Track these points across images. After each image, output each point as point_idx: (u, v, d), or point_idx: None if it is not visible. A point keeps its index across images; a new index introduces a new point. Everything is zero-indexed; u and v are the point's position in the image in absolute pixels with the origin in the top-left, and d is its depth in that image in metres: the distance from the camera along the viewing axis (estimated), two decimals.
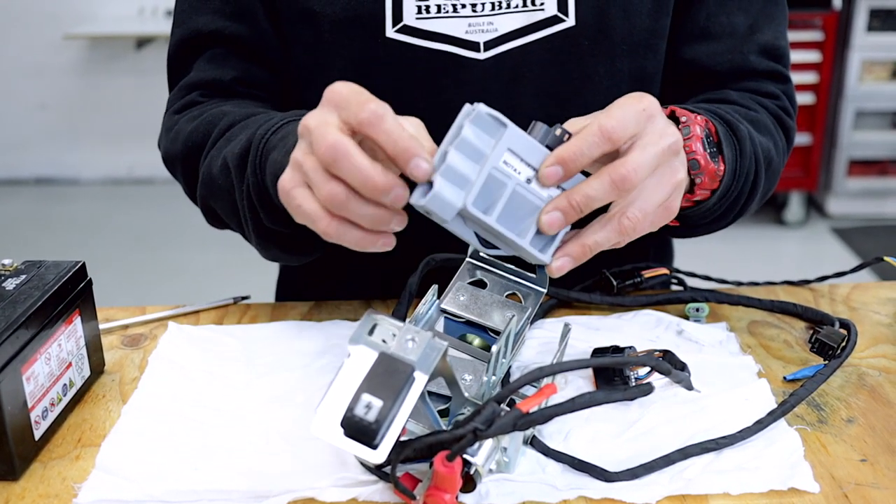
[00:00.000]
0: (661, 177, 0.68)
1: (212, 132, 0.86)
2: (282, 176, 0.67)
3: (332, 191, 0.62)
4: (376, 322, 0.61)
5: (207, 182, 0.85)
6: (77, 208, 3.93)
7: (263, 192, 0.77)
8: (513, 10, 0.87)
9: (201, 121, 0.88)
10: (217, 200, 0.85)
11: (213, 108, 0.90)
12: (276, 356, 0.83)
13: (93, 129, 4.13)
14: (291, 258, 0.85)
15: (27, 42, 4.00)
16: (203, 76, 0.94)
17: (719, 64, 0.94)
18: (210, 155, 0.85)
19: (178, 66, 0.97)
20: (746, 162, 0.83)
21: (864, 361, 0.82)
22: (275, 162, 0.74)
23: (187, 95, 0.94)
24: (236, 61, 0.93)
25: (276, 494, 0.65)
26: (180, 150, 0.89)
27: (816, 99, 3.37)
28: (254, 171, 0.77)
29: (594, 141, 0.65)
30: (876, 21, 3.31)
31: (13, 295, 0.72)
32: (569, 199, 0.65)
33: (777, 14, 0.96)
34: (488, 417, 0.60)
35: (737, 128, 0.83)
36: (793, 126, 0.97)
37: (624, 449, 0.70)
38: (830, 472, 0.67)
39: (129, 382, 0.80)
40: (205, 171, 0.85)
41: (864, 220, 3.56)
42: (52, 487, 0.67)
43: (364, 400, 0.57)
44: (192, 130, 0.88)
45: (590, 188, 0.65)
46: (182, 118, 0.92)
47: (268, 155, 0.76)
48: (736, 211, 0.87)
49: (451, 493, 0.60)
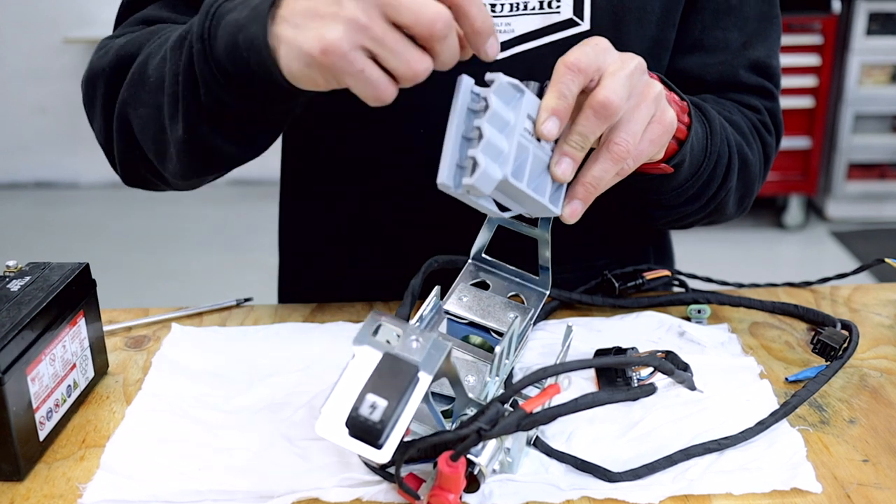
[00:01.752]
0: (640, 96, 0.68)
1: (151, 38, 0.81)
2: (325, 33, 0.60)
3: (423, 67, 0.62)
4: (380, 322, 0.62)
5: (136, 82, 0.79)
6: (77, 212, 3.93)
7: (210, 59, 0.70)
8: (529, 12, 0.87)
9: (142, 32, 0.83)
10: (139, 105, 0.79)
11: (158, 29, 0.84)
12: (279, 357, 0.83)
13: (92, 132, 4.13)
14: (216, 158, 0.78)
15: (27, 46, 4.01)
16: (157, 14, 0.88)
17: (708, 74, 0.95)
18: (147, 52, 0.79)
19: (130, 10, 0.91)
20: (717, 141, 0.83)
21: (865, 362, 0.82)
22: (234, 23, 0.68)
23: (131, 26, 0.88)
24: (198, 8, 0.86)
25: (280, 494, 0.65)
26: (110, 59, 0.83)
27: (816, 102, 3.38)
28: (200, 37, 0.70)
29: (567, 78, 0.65)
30: (875, 25, 3.31)
31: (18, 296, 0.72)
32: (567, 142, 0.66)
33: (771, 34, 0.96)
34: (492, 418, 0.60)
35: (707, 111, 0.84)
36: (771, 143, 0.97)
37: (627, 449, 0.70)
38: (833, 472, 0.67)
39: (132, 384, 0.80)
40: (135, 70, 0.79)
41: (864, 224, 3.56)
42: (56, 488, 0.67)
43: (369, 400, 0.57)
44: (130, 40, 0.82)
45: (578, 126, 0.66)
46: (119, 38, 0.86)
47: (221, 18, 0.69)
48: (709, 196, 0.88)
49: (455, 493, 0.60)
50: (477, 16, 0.62)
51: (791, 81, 3.28)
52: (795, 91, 3.33)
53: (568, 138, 0.66)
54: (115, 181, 4.45)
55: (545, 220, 0.77)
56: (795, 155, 3.44)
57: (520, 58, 0.88)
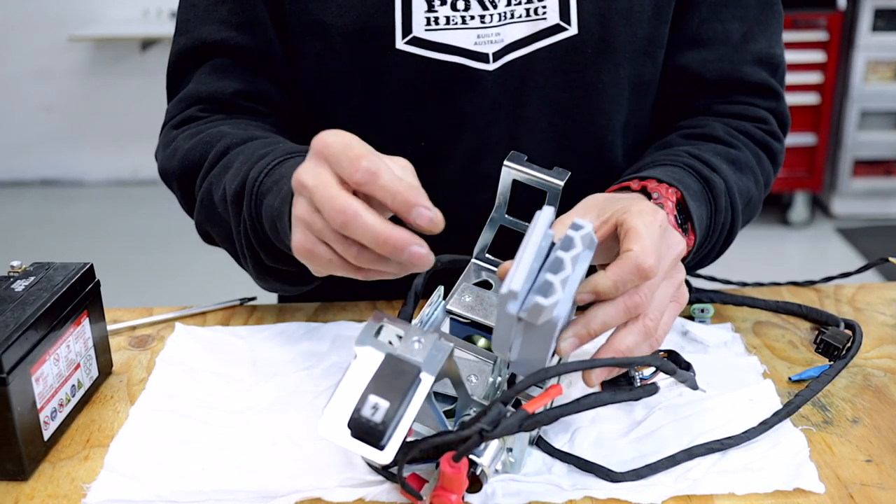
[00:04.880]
0: (668, 281, 0.70)
1: (209, 153, 0.85)
2: (294, 237, 0.66)
3: (351, 251, 0.63)
4: (382, 323, 0.62)
5: (207, 206, 0.85)
6: (82, 210, 3.94)
7: (262, 236, 0.77)
8: (517, 20, 0.87)
9: (198, 140, 0.87)
10: (215, 227, 0.85)
11: (211, 127, 0.89)
12: (283, 357, 0.84)
13: (98, 130, 4.14)
14: (292, 289, 0.86)
15: (32, 44, 4.01)
16: (204, 88, 0.92)
17: (709, 72, 0.94)
18: (208, 180, 0.84)
19: (179, 76, 0.95)
20: (721, 216, 0.85)
21: (869, 362, 0.82)
22: (270, 206, 0.74)
23: (186, 110, 0.93)
24: (240, 73, 0.92)
25: (283, 494, 0.65)
26: (177, 167, 0.89)
27: (821, 99, 3.37)
28: (250, 214, 0.77)
29: (630, 279, 0.65)
30: (881, 21, 3.30)
31: (22, 296, 0.72)
32: (587, 328, 0.66)
33: (773, 21, 0.95)
34: (494, 418, 0.60)
35: (714, 184, 0.84)
36: (780, 149, 0.97)
37: (629, 449, 0.70)
38: (836, 472, 0.67)
39: (136, 383, 0.81)
40: (203, 195, 0.85)
41: (869, 221, 3.55)
42: (61, 487, 0.67)
43: (371, 401, 0.57)
44: (190, 149, 0.87)
45: (606, 315, 0.66)
46: (180, 134, 0.91)
47: (262, 199, 0.75)
48: (713, 256, 0.90)
49: (458, 493, 0.60)
50: (385, 198, 0.61)
51: (796, 78, 3.27)
52: (801, 88, 3.32)
53: (589, 324, 0.66)
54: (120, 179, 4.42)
55: None
56: (801, 152, 3.43)
57: (512, 66, 0.88)
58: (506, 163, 0.76)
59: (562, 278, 0.60)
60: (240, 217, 0.79)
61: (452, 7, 0.86)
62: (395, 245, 0.60)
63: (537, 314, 0.60)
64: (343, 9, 0.87)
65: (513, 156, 0.76)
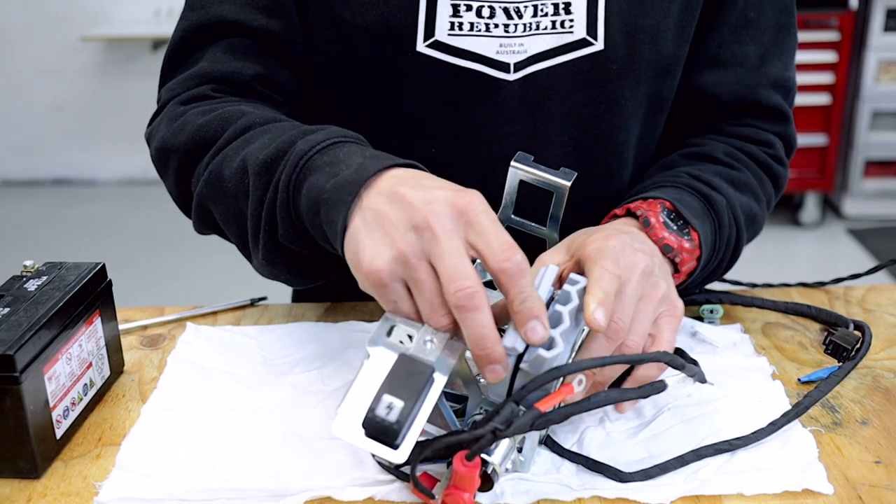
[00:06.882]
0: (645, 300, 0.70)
1: (226, 129, 0.81)
2: (378, 260, 0.63)
3: (441, 324, 0.61)
4: (394, 323, 0.62)
5: (214, 182, 0.79)
6: (93, 209, 3.96)
7: (291, 210, 0.73)
8: (542, 32, 0.86)
9: (215, 115, 0.82)
10: (219, 203, 0.80)
11: (228, 105, 0.84)
12: (293, 357, 0.84)
13: (109, 130, 4.16)
14: (295, 280, 0.81)
15: (44, 44, 4.04)
16: (219, 68, 0.88)
17: (725, 93, 0.94)
18: (223, 153, 0.79)
19: (187, 52, 0.91)
20: (726, 232, 0.85)
21: (878, 363, 0.82)
22: (318, 187, 0.69)
23: (196, 87, 0.88)
24: (259, 56, 0.88)
25: (293, 493, 0.65)
26: (184, 142, 0.83)
27: (832, 99, 3.36)
28: (287, 186, 0.72)
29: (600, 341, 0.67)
30: (893, 21, 3.29)
31: (35, 296, 0.73)
32: (594, 382, 0.68)
33: (788, 44, 0.95)
34: (507, 417, 0.61)
35: (714, 200, 0.85)
36: (783, 173, 0.97)
37: (638, 449, 0.70)
38: (844, 473, 0.67)
39: (148, 382, 0.81)
40: (213, 169, 0.79)
41: (881, 221, 3.54)
42: (73, 486, 0.68)
43: (385, 401, 0.57)
44: (204, 124, 0.82)
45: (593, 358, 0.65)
46: (190, 110, 0.85)
47: (308, 175, 0.71)
48: (720, 272, 0.90)
49: (470, 492, 0.60)
50: (516, 298, 0.61)
51: (808, 78, 3.26)
52: (812, 88, 3.31)
53: (595, 379, 0.68)
54: (131, 178, 4.44)
55: (554, 221, 0.77)
56: (812, 152, 3.42)
57: (534, 78, 0.87)
58: (513, 163, 0.76)
59: (561, 331, 0.64)
60: (267, 188, 0.74)
61: (477, 14, 0.84)
62: (490, 356, 0.60)
63: (540, 366, 0.63)
64: (365, 6, 0.85)
65: (519, 156, 0.76)
